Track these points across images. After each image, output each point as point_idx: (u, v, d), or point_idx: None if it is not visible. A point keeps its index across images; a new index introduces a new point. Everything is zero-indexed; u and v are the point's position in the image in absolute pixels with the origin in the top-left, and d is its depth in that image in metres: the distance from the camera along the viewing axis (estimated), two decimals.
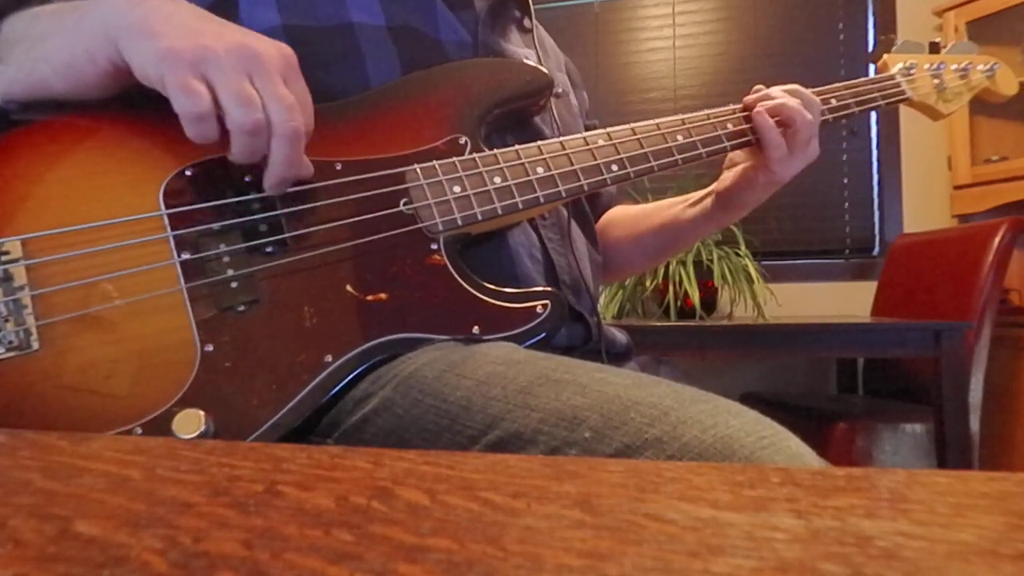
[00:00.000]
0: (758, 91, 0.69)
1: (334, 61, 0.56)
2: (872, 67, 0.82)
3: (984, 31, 2.03)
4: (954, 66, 0.81)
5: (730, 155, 0.73)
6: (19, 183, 0.45)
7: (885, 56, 0.80)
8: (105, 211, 0.45)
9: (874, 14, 2.27)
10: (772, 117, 0.66)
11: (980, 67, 0.82)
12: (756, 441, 0.34)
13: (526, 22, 0.70)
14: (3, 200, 0.44)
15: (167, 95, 0.43)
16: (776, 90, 0.68)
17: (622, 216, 0.85)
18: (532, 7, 0.70)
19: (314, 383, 0.45)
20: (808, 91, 0.69)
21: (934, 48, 0.82)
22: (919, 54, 0.81)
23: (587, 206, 0.71)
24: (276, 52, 0.46)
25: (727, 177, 0.73)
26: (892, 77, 0.77)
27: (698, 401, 0.37)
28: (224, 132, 0.44)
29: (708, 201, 0.76)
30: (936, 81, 0.79)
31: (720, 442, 0.34)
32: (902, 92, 0.76)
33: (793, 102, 0.66)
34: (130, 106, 0.48)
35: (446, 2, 0.61)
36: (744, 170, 0.70)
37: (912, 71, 0.78)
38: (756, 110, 0.66)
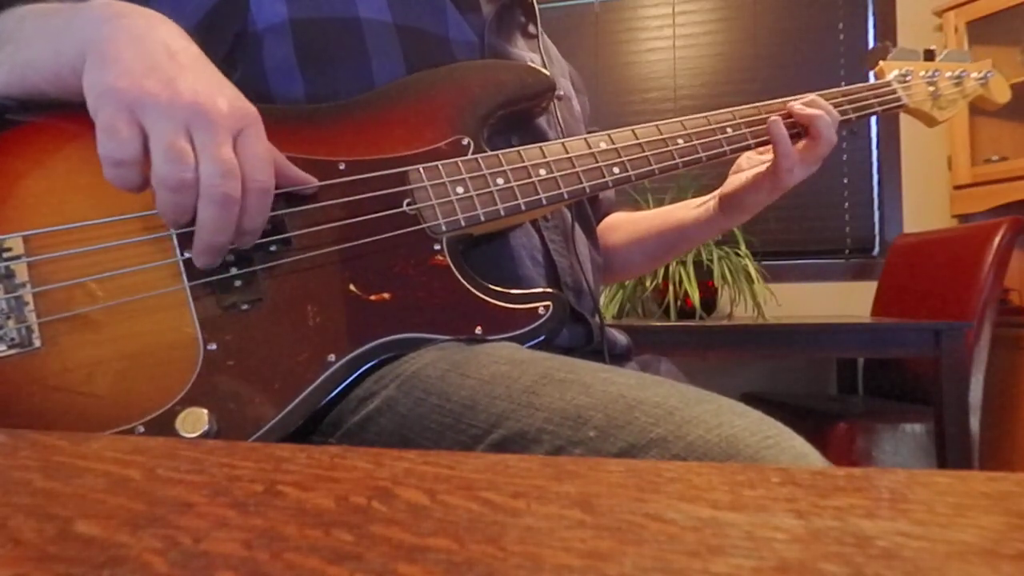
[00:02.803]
0: (802, 98, 0.70)
1: (339, 56, 0.56)
2: (870, 72, 0.82)
3: (984, 31, 2.03)
4: (948, 74, 0.81)
5: (737, 160, 0.74)
6: (20, 180, 0.45)
7: (881, 63, 0.81)
8: (107, 208, 0.45)
9: (874, 14, 2.27)
10: (804, 123, 0.67)
11: (974, 75, 0.82)
12: (761, 441, 0.34)
13: (531, 28, 0.70)
14: (4, 197, 0.44)
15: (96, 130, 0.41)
16: (814, 100, 0.69)
17: (622, 220, 0.85)
18: (538, 13, 0.70)
19: (317, 382, 0.45)
20: (835, 111, 0.70)
21: (929, 55, 0.82)
22: (914, 61, 0.81)
23: (589, 208, 0.72)
24: (229, 109, 0.42)
25: (732, 181, 0.74)
26: (888, 84, 0.78)
27: (702, 401, 0.38)
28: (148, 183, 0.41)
29: (711, 204, 0.76)
30: (931, 88, 0.80)
31: (725, 441, 0.34)
32: (898, 99, 0.77)
33: (828, 119, 0.67)
34: None
35: (455, 4, 0.61)
36: (755, 175, 0.71)
37: (908, 78, 0.79)
38: (772, 119, 0.67)
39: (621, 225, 0.85)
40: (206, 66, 0.44)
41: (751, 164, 0.72)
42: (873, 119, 2.27)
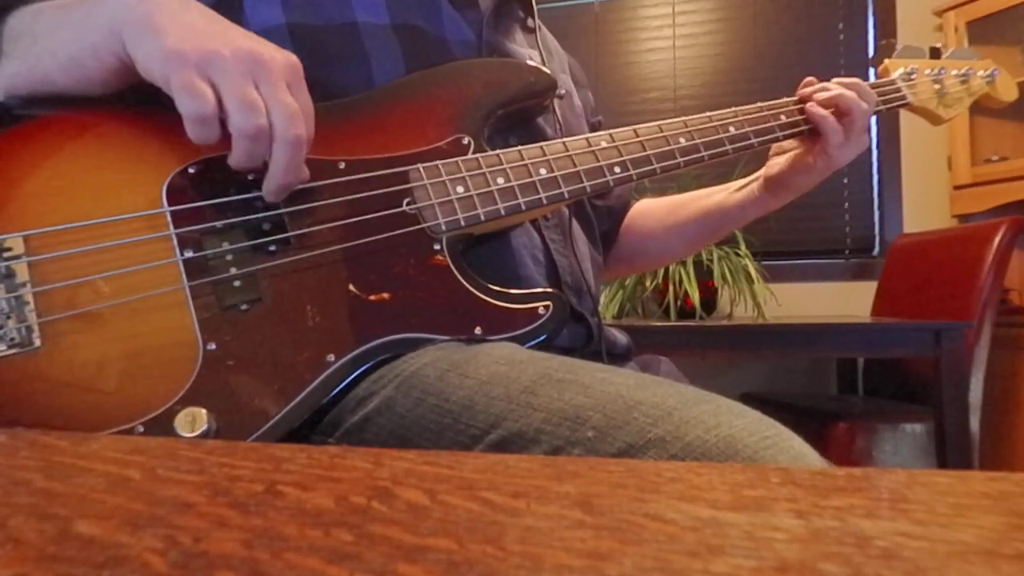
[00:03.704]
0: (810, 83, 0.72)
1: (338, 60, 0.56)
2: (872, 69, 0.82)
3: (984, 31, 2.03)
4: (955, 71, 0.81)
5: (780, 142, 0.74)
6: (21, 179, 0.45)
7: (886, 61, 0.80)
8: (107, 208, 0.45)
9: (874, 14, 2.27)
10: (828, 107, 0.69)
11: (980, 73, 0.82)
12: (759, 441, 0.34)
13: (529, 22, 0.70)
14: (5, 196, 0.44)
15: (172, 95, 0.43)
16: (833, 83, 0.71)
17: (653, 207, 0.86)
18: (535, 7, 0.70)
19: (316, 382, 0.45)
20: (865, 83, 0.71)
21: (935, 53, 0.82)
22: (920, 59, 0.81)
23: (589, 207, 0.71)
24: (282, 59, 0.45)
25: (778, 162, 0.75)
26: (893, 82, 0.77)
27: (701, 401, 0.37)
28: (226, 135, 0.44)
29: (755, 186, 0.77)
30: (937, 86, 0.79)
31: (723, 442, 0.34)
32: (903, 97, 0.77)
33: (850, 93, 0.69)
34: (133, 103, 0.48)
35: (451, 1, 0.61)
36: (798, 156, 0.72)
37: (913, 76, 0.78)
38: (809, 103, 0.69)
39: (653, 212, 0.85)
40: (243, 29, 0.47)
41: (793, 145, 0.73)
42: (873, 119, 2.26)
